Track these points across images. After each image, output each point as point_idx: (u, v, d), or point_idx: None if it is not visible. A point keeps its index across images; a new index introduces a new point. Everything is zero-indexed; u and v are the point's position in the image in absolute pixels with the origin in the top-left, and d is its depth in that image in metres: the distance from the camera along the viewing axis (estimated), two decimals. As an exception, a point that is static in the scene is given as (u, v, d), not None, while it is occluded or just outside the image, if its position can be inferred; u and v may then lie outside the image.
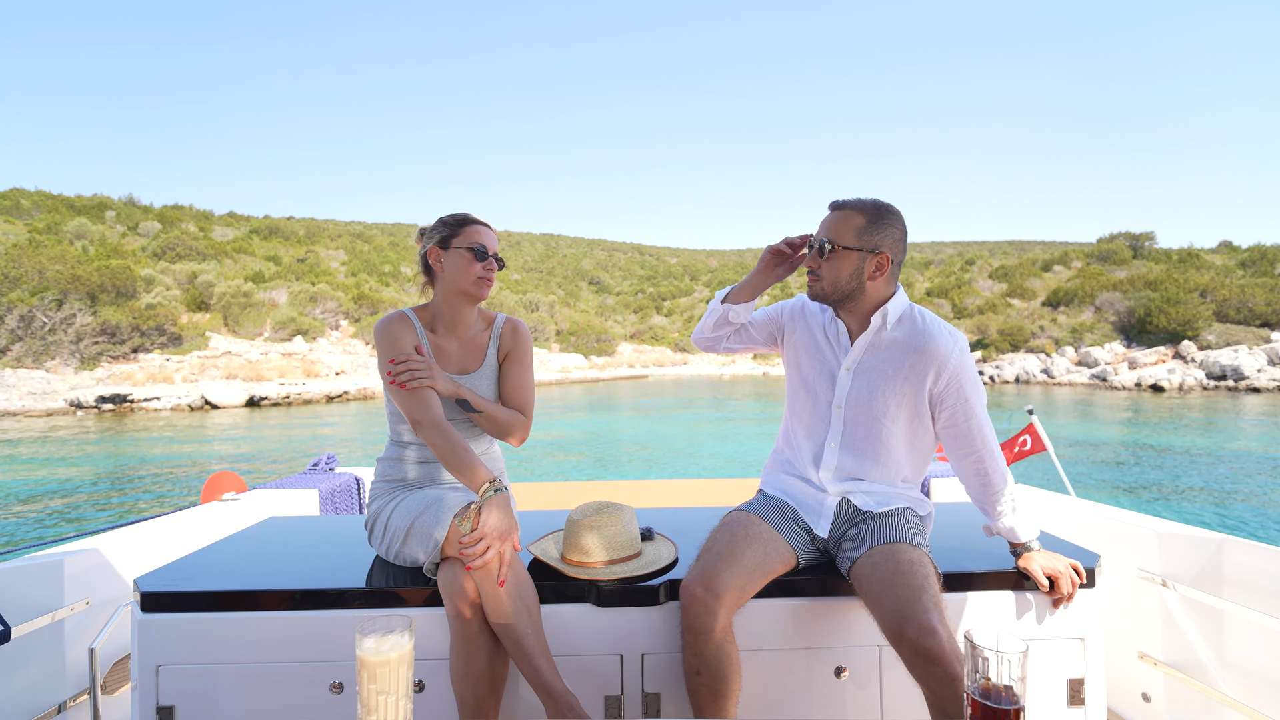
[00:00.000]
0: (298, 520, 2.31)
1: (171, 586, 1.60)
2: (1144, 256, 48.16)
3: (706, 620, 1.44)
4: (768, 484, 1.85)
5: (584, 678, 1.59)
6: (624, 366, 47.64)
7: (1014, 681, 0.92)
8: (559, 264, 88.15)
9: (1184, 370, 29.98)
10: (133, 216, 47.97)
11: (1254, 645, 1.73)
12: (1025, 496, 2.62)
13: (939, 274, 58.75)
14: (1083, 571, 1.63)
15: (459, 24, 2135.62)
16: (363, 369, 31.51)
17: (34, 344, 27.12)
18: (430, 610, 1.58)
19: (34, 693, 1.77)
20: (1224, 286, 36.42)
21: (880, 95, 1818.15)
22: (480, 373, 1.87)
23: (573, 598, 1.62)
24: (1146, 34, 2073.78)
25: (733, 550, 1.53)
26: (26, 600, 1.74)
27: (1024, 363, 35.37)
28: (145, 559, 2.14)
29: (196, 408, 22.76)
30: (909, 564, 1.46)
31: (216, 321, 33.69)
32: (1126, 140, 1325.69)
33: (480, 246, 1.79)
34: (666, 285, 77.99)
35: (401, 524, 1.66)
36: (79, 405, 21.93)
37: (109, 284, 30.04)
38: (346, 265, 49.94)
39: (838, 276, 1.60)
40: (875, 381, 1.64)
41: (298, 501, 2.89)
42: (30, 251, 30.35)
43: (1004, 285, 48.37)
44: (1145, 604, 1.97)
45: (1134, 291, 38.60)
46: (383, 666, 0.97)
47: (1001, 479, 1.66)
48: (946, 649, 1.31)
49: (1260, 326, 34.04)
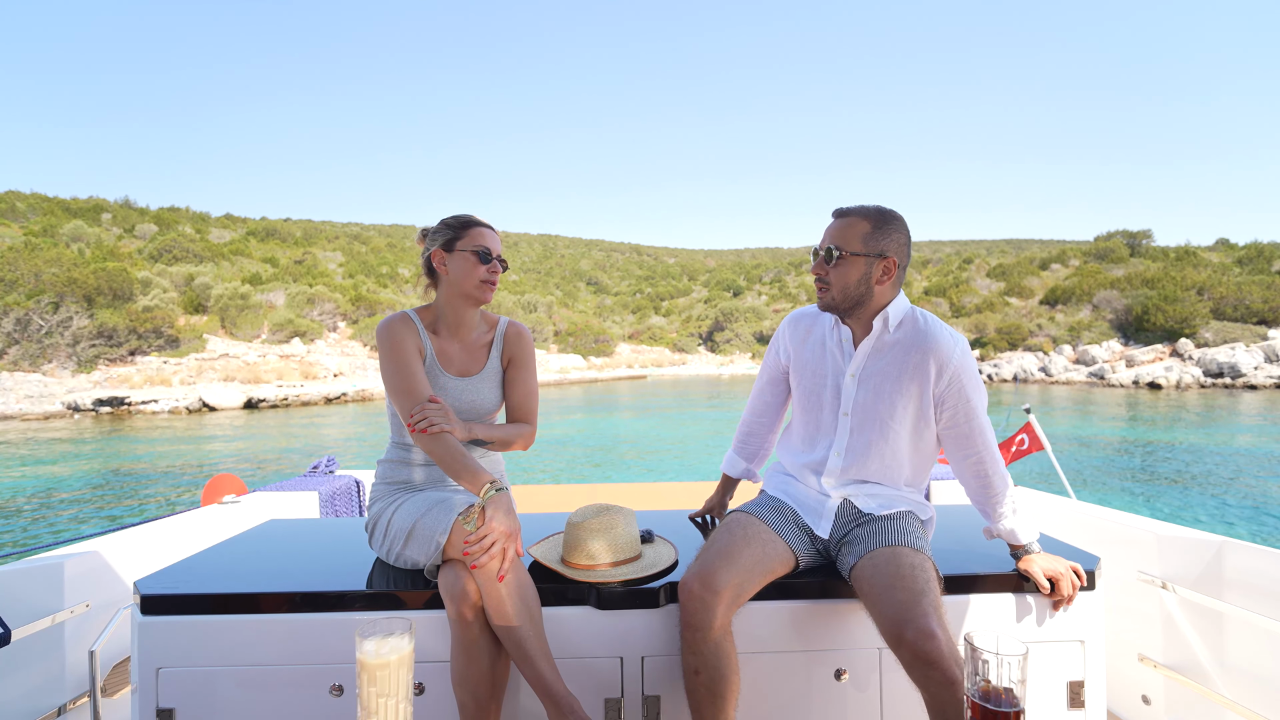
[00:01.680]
0: (298, 523, 2.31)
1: (171, 589, 1.59)
2: (1141, 255, 48.26)
3: (704, 617, 1.44)
4: (769, 485, 1.85)
5: (584, 680, 1.58)
6: (622, 367, 47.62)
7: (1014, 684, 0.93)
8: (557, 264, 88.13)
9: (1181, 368, 30.04)
10: (129, 219, 47.86)
11: (1254, 648, 1.73)
12: (1025, 499, 2.62)
13: (937, 273, 58.80)
14: (1083, 574, 1.63)
15: (457, 25, 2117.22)
16: (361, 371, 31.47)
17: (31, 347, 27.05)
18: (431, 613, 1.58)
19: (34, 695, 1.77)
20: (1221, 284, 36.51)
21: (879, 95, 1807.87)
22: (482, 376, 1.87)
23: (573, 600, 1.62)
24: (1144, 35, 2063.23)
25: (731, 549, 1.54)
26: (26, 603, 1.73)
27: (1022, 361, 35.42)
28: (145, 561, 2.13)
29: (194, 410, 22.71)
30: (910, 567, 1.46)
31: (214, 324, 33.62)
32: (1123, 139, 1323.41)
33: (484, 249, 1.79)
34: (664, 285, 77.98)
35: (403, 526, 1.65)
36: (76, 408, 21.88)
37: (106, 287, 29.98)
38: (344, 267, 49.88)
39: (846, 282, 1.60)
40: (881, 385, 1.64)
41: (298, 504, 2.89)
42: (26, 254, 30.29)
43: (1002, 284, 48.43)
44: (1145, 606, 1.97)
45: (1131, 290, 38.69)
46: (383, 669, 0.97)
47: (1002, 481, 1.66)
48: (945, 653, 1.31)
49: (1257, 324, 34.11)
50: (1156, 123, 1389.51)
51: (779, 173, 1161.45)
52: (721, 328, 58.17)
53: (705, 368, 49.28)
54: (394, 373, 1.72)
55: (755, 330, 56.69)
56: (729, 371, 46.66)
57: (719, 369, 48.23)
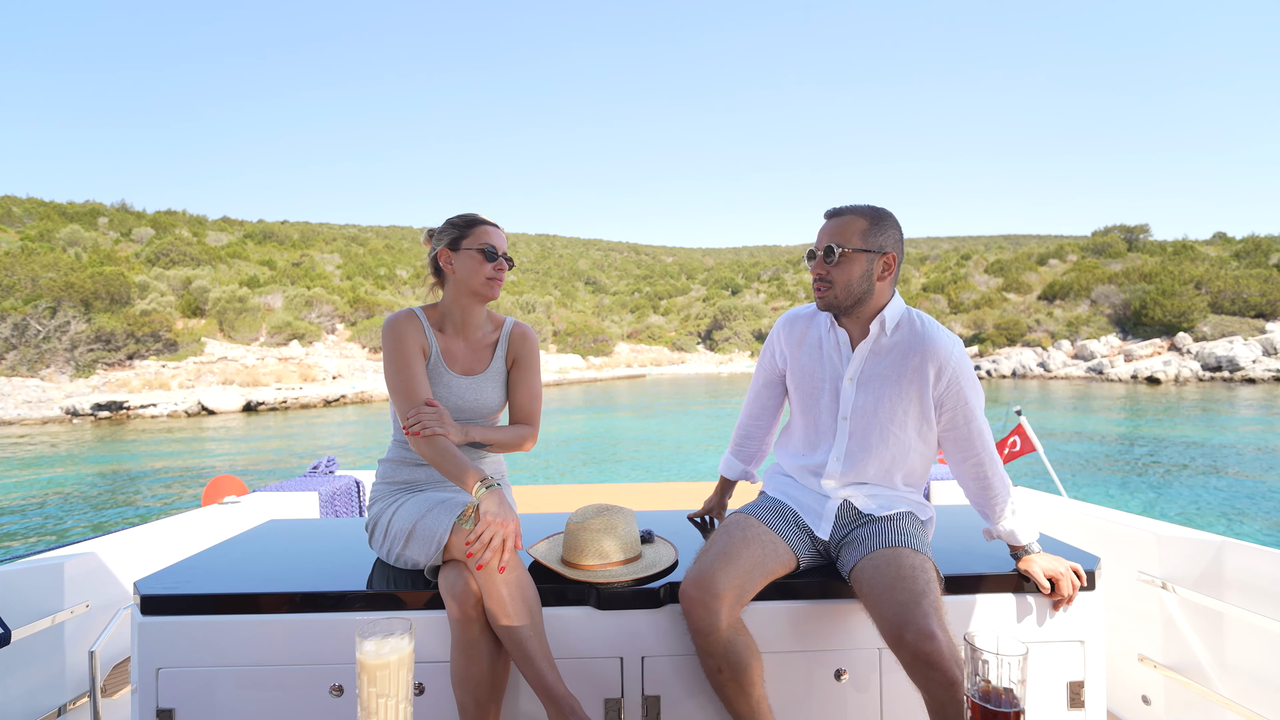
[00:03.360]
0: (298, 523, 2.31)
1: (171, 589, 1.59)
2: (1139, 249, 48.27)
3: (708, 620, 1.44)
4: (769, 486, 1.85)
5: (584, 680, 1.59)
6: (621, 366, 47.60)
7: (1014, 684, 0.93)
8: (555, 264, 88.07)
9: (1180, 362, 30.07)
10: (126, 223, 47.76)
11: (1254, 648, 1.73)
12: (1024, 499, 2.62)
13: (935, 269, 58.82)
14: (1083, 574, 1.63)
15: (455, 27, 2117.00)
16: (360, 373, 31.44)
17: (28, 352, 27.00)
18: (431, 613, 1.58)
19: (34, 696, 1.77)
20: (1219, 278, 36.51)
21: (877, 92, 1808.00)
22: (486, 375, 1.87)
23: (573, 600, 1.62)
24: (1141, 31, 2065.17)
25: (730, 551, 1.54)
26: (26, 603, 1.73)
27: (1020, 356, 35.44)
28: (145, 562, 2.13)
29: (193, 414, 22.68)
30: (910, 569, 1.46)
31: (212, 327, 33.58)
32: (1120, 134, 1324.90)
33: (490, 247, 1.79)
34: (663, 285, 77.92)
35: (403, 526, 1.65)
36: (75, 413, 21.85)
37: (103, 291, 29.92)
38: (342, 269, 49.80)
39: (849, 279, 1.60)
40: (882, 389, 1.64)
41: (298, 504, 2.89)
42: (23, 259, 30.23)
43: (1000, 279, 48.44)
44: (1145, 607, 1.97)
45: (1129, 284, 38.70)
46: (383, 669, 0.97)
47: (1001, 482, 1.67)
48: (945, 654, 1.31)
49: (1255, 317, 34.13)
50: (1153, 117, 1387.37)
51: (777, 170, 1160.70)
52: (720, 326, 58.16)
53: (704, 366, 49.28)
54: (394, 373, 1.73)
55: (754, 328, 56.69)
56: (728, 370, 46.67)
57: (718, 367, 48.24)
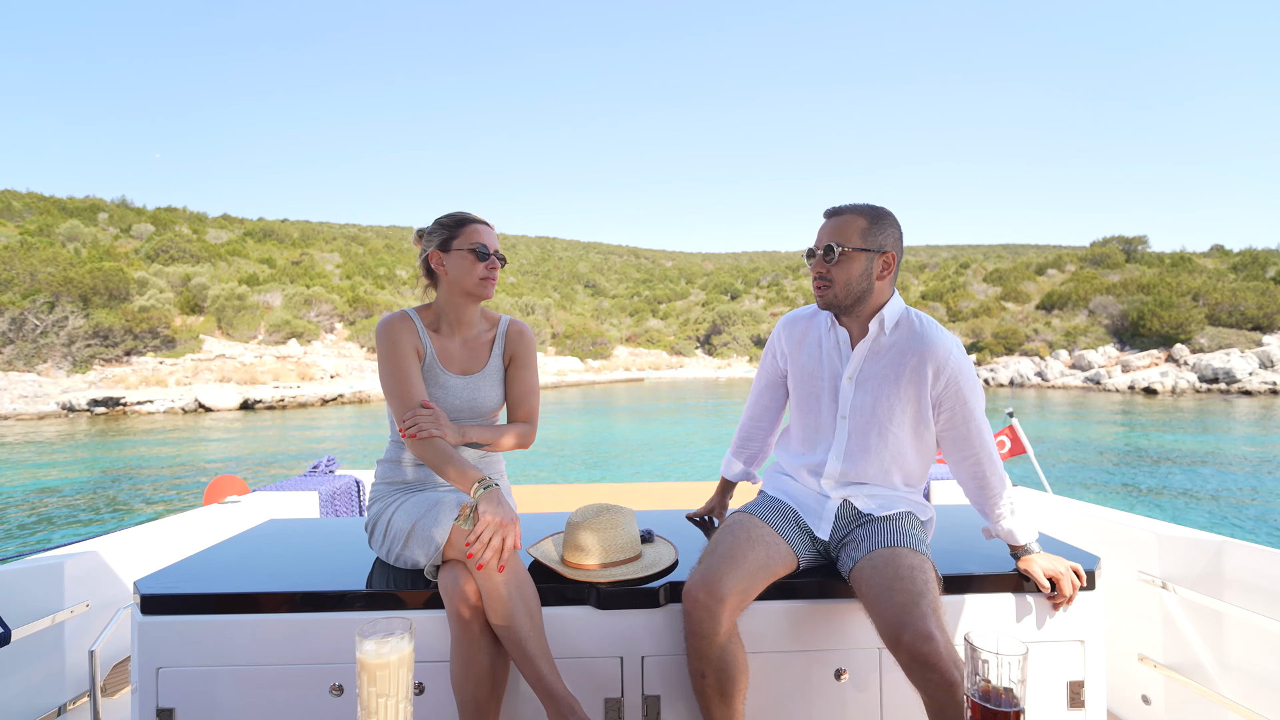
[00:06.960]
0: (298, 523, 2.31)
1: (171, 589, 1.59)
2: (1137, 260, 48.42)
3: (710, 624, 1.44)
4: (769, 485, 1.85)
5: (584, 680, 1.59)
6: (620, 369, 47.60)
7: (1014, 684, 0.93)
8: (554, 267, 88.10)
9: (1176, 373, 30.14)
10: (126, 219, 47.73)
11: (1254, 648, 1.73)
12: (1024, 499, 2.62)
13: (934, 277, 58.97)
14: (1083, 574, 1.64)
15: (454, 26, 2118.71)
16: (358, 372, 31.40)
17: (26, 347, 26.94)
18: (431, 613, 1.58)
19: (34, 695, 1.76)
20: (1216, 290, 36.63)
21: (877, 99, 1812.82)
22: (484, 374, 1.87)
23: (573, 600, 1.62)
24: (1141, 44, 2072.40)
25: (735, 552, 1.54)
26: (26, 603, 1.73)
27: (1018, 366, 35.49)
28: (145, 561, 2.13)
29: (190, 411, 22.63)
30: (909, 569, 1.46)
31: (210, 324, 33.53)
32: (1119, 145, 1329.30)
33: (481, 246, 1.78)
34: (662, 288, 78.00)
35: (402, 526, 1.65)
36: (71, 408, 21.79)
37: (102, 286, 29.88)
38: (341, 268, 49.79)
39: (849, 278, 1.61)
40: (880, 388, 1.64)
41: (298, 504, 2.89)
42: (22, 254, 30.18)
43: (998, 289, 48.56)
44: (1145, 606, 1.97)
45: (1127, 295, 38.81)
46: (383, 669, 0.97)
47: (1000, 481, 1.67)
48: (943, 655, 1.31)
49: (1252, 329, 34.22)
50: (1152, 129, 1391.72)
51: (776, 176, 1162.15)
52: (719, 331, 58.23)
53: (703, 371, 49.30)
54: (389, 375, 1.73)
55: (753, 333, 56.75)
56: (726, 374, 46.67)
57: (716, 372, 48.25)
